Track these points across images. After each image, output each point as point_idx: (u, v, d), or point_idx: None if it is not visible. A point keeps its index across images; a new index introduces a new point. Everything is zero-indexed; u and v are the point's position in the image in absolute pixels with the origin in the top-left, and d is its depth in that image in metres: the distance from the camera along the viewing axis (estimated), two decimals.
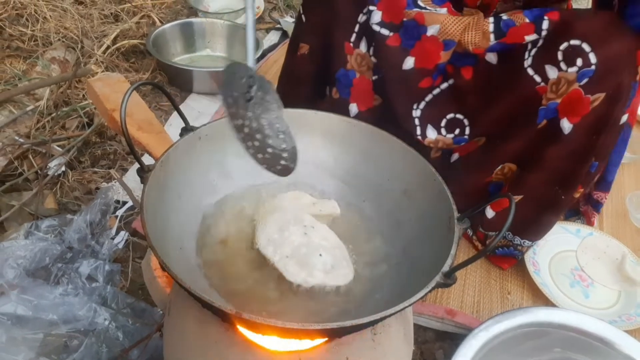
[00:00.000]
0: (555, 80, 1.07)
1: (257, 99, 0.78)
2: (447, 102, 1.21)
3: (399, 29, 1.13)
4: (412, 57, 1.15)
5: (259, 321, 0.58)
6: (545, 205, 1.20)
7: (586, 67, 1.03)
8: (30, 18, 1.87)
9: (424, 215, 0.82)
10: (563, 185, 1.16)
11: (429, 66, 1.15)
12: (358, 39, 1.19)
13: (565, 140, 1.10)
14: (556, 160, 1.13)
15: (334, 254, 0.79)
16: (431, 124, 1.23)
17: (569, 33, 1.03)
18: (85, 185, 1.42)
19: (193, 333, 0.77)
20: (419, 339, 1.18)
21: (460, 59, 1.16)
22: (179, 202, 0.80)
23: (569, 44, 1.03)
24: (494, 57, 1.14)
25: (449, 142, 1.24)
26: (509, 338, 1.02)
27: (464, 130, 1.23)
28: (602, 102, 1.05)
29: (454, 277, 0.65)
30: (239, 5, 2.28)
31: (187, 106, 1.76)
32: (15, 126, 1.48)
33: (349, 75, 1.22)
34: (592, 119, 1.07)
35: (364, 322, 0.60)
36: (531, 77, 1.09)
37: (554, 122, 1.10)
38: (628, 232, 1.49)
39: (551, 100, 1.09)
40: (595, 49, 1.02)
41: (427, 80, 1.18)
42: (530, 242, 1.26)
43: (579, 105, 1.06)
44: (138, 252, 1.28)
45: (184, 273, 0.64)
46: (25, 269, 1.13)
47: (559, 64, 1.06)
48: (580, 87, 1.05)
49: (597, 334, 1.03)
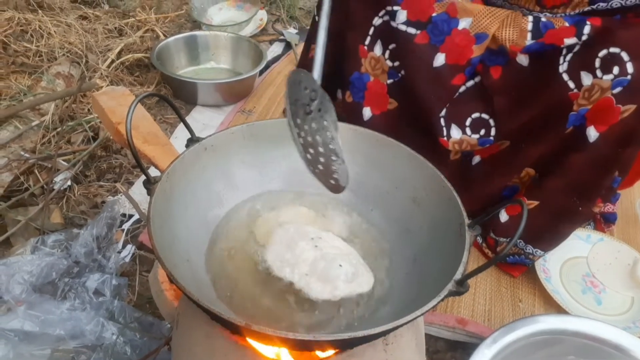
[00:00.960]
0: (589, 87, 1.05)
1: (316, 114, 0.78)
2: (473, 101, 1.18)
3: (426, 26, 1.10)
4: (442, 54, 1.11)
5: (269, 333, 0.57)
6: (561, 214, 1.18)
7: (622, 76, 1.01)
8: (35, 34, 1.88)
9: (434, 223, 0.81)
10: (582, 196, 1.14)
11: (461, 62, 1.12)
12: (372, 42, 1.17)
13: (589, 148, 1.08)
14: (578, 168, 1.11)
15: (351, 262, 0.78)
16: (455, 124, 1.21)
17: (609, 40, 1.01)
18: (91, 199, 1.42)
19: (201, 346, 0.76)
20: (430, 348, 1.16)
21: (490, 57, 1.13)
22: (186, 214, 0.79)
23: (608, 52, 1.01)
24: (525, 60, 1.10)
25: (474, 143, 1.21)
26: (522, 346, 1.00)
27: (490, 131, 1.20)
28: (632, 113, 1.03)
29: (467, 285, 0.64)
30: (242, 17, 2.29)
31: (192, 118, 1.76)
32: (20, 141, 1.48)
33: (363, 78, 1.20)
34: (619, 130, 1.05)
35: (375, 332, 0.59)
36: (565, 82, 1.07)
37: (580, 129, 1.09)
38: (639, 237, 1.47)
39: (582, 107, 1.07)
40: (633, 59, 1.00)
41: (460, 77, 1.14)
42: (542, 252, 1.24)
43: (608, 114, 1.04)
44: (145, 266, 1.27)
45: (191, 285, 0.63)
46: (32, 284, 1.12)
47: (595, 71, 1.03)
48: (612, 96, 1.03)
49: (611, 341, 1.01)
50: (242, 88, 1.86)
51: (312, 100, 0.77)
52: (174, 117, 1.74)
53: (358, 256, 0.81)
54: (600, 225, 1.43)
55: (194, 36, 1.98)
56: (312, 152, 0.74)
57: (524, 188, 1.23)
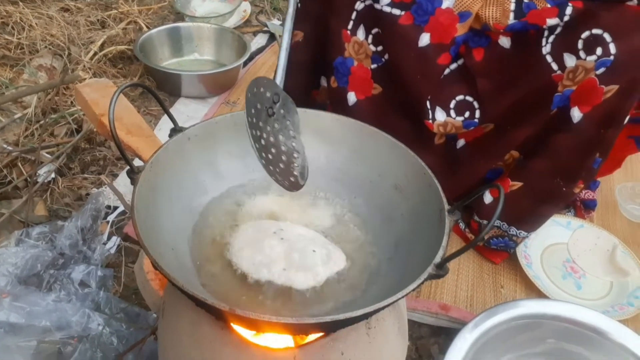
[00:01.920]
0: (573, 68, 1.06)
1: (279, 116, 0.80)
2: (457, 83, 1.19)
3: (410, 6, 1.10)
4: (427, 34, 1.11)
5: (252, 317, 0.58)
6: (544, 195, 1.20)
7: (605, 57, 1.03)
8: (16, 26, 1.87)
9: (415, 209, 0.82)
10: (565, 177, 1.17)
11: (446, 41, 1.12)
12: (355, 27, 1.17)
13: (573, 129, 1.10)
14: (562, 149, 1.13)
15: (321, 244, 0.79)
16: (440, 106, 1.21)
17: (592, 22, 1.03)
18: (75, 191, 1.42)
19: (187, 334, 0.77)
20: (413, 334, 1.18)
21: (473, 38, 1.14)
22: (170, 203, 0.80)
23: (591, 33, 1.03)
24: (507, 42, 1.12)
25: (459, 125, 1.21)
26: (503, 331, 1.02)
27: (474, 113, 1.20)
28: (614, 94, 1.05)
29: (446, 268, 0.66)
30: (226, 9, 2.28)
31: (176, 110, 1.76)
32: (3, 134, 1.47)
33: (347, 63, 1.20)
34: (602, 111, 1.07)
35: (357, 314, 0.60)
36: (549, 64, 1.08)
37: (564, 110, 1.10)
38: (618, 223, 1.50)
39: (567, 88, 1.09)
40: (616, 40, 1.02)
41: (446, 56, 1.15)
42: (525, 233, 1.27)
43: (591, 94, 1.06)
44: (130, 257, 1.27)
45: (176, 272, 0.64)
46: (17, 276, 1.12)
47: (578, 53, 1.05)
48: (596, 77, 1.05)
49: (590, 324, 1.04)
50: (226, 79, 1.86)
51: (275, 103, 0.79)
52: (158, 109, 1.74)
53: (322, 237, 0.83)
54: (581, 211, 1.45)
55: (177, 28, 1.97)
56: (274, 151, 0.77)
57: (507, 170, 1.25)
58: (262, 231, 0.81)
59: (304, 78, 1.30)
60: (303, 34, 1.25)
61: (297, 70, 1.29)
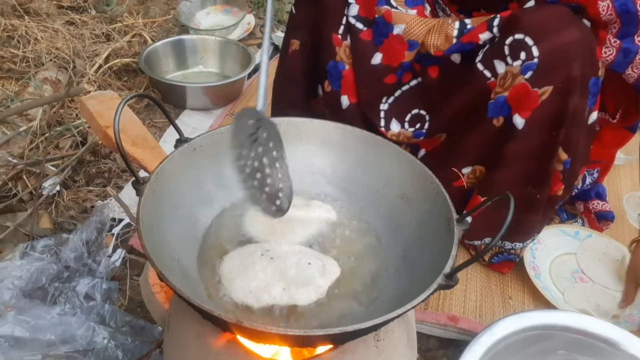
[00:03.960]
0: (503, 74, 1.08)
1: (262, 140, 0.80)
2: (413, 99, 1.24)
3: (372, 24, 1.17)
4: (380, 54, 1.19)
5: (259, 329, 0.58)
6: (523, 205, 1.18)
7: (529, 60, 1.04)
8: (22, 39, 1.87)
9: (423, 219, 0.81)
10: (534, 184, 1.16)
11: (394, 64, 1.18)
12: (346, 31, 1.21)
13: (521, 136, 1.10)
14: (517, 157, 1.13)
15: (311, 255, 0.79)
16: (396, 118, 1.26)
17: (514, 27, 1.05)
18: (80, 204, 1.41)
19: (193, 346, 0.76)
20: (422, 347, 1.17)
21: (427, 58, 1.18)
22: (176, 214, 0.79)
23: (514, 38, 1.05)
24: (458, 57, 1.16)
25: (409, 136, 1.26)
26: (513, 342, 1.01)
27: (424, 124, 1.25)
28: (551, 95, 1.04)
29: (456, 279, 0.65)
30: (230, 21, 2.29)
31: (181, 122, 1.76)
32: (8, 147, 1.47)
33: (339, 66, 1.23)
34: (544, 114, 1.06)
35: (366, 326, 0.59)
36: (481, 72, 1.11)
37: (508, 118, 1.10)
38: (627, 232, 1.49)
39: (499, 94, 1.10)
40: (537, 42, 1.02)
41: (392, 77, 1.21)
42: (521, 244, 1.25)
43: (527, 99, 1.06)
44: (136, 270, 1.26)
45: (182, 284, 0.63)
46: (22, 289, 1.11)
47: (505, 59, 1.07)
48: (526, 81, 1.05)
49: (601, 335, 1.02)
50: (231, 91, 1.86)
51: (258, 128, 0.81)
52: (163, 121, 1.74)
53: (309, 249, 0.82)
54: (595, 224, 1.43)
55: (182, 40, 1.98)
56: (259, 176, 0.77)
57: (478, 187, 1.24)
58: (248, 256, 0.79)
59: (302, 86, 1.33)
60: (299, 42, 1.28)
61: (295, 80, 1.32)
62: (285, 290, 0.74)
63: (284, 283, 0.75)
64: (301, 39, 1.27)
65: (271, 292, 0.74)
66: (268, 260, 0.77)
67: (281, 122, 0.92)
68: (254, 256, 0.78)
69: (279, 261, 0.77)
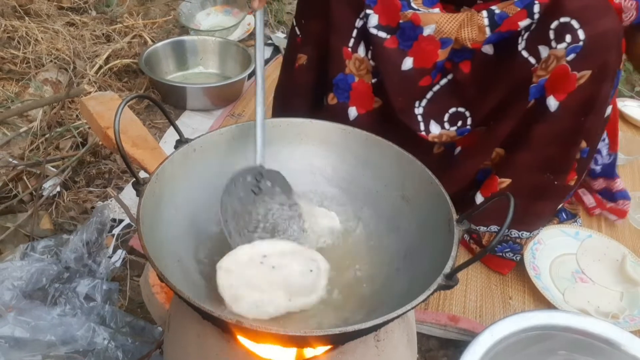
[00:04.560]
0: (546, 57, 1.08)
1: (266, 189, 0.84)
2: (448, 97, 1.22)
3: (395, 31, 1.14)
4: (410, 58, 1.16)
5: (259, 329, 0.58)
6: (537, 192, 1.19)
7: (575, 43, 1.04)
8: (22, 40, 1.88)
9: (423, 219, 0.81)
10: (553, 170, 1.16)
11: (428, 65, 1.16)
12: (356, 44, 1.20)
13: (552, 118, 1.10)
14: (543, 140, 1.13)
15: (310, 258, 0.78)
16: (434, 120, 1.24)
17: (559, 11, 1.04)
18: (80, 205, 1.41)
19: (193, 347, 0.76)
20: (422, 347, 1.16)
21: (457, 54, 1.17)
22: (176, 214, 0.79)
23: (559, 22, 1.05)
24: (490, 49, 1.15)
25: (453, 135, 1.24)
26: (513, 342, 1.01)
27: (466, 121, 1.23)
28: (588, 80, 1.05)
29: (456, 279, 0.65)
30: (230, 22, 2.29)
31: (182, 123, 1.76)
32: (8, 148, 1.47)
33: (348, 79, 1.23)
34: (578, 97, 1.07)
35: (366, 326, 0.59)
36: (526, 59, 1.10)
37: (541, 100, 1.11)
38: (627, 232, 1.49)
39: (541, 77, 1.10)
40: (583, 26, 1.03)
41: (427, 79, 1.19)
42: (528, 234, 1.25)
43: (565, 81, 1.07)
44: (136, 270, 1.26)
45: (182, 285, 0.63)
46: (22, 290, 1.11)
47: (550, 43, 1.07)
48: (567, 63, 1.05)
49: (602, 336, 1.02)
50: (231, 92, 1.86)
51: (259, 181, 0.83)
52: (163, 122, 1.74)
53: (302, 247, 0.81)
54: (602, 204, 1.45)
55: (182, 41, 1.98)
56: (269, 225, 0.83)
57: (495, 168, 1.24)
58: (246, 267, 0.75)
59: (307, 99, 1.32)
60: (307, 57, 1.27)
61: (301, 93, 1.32)
62: (290, 301, 0.73)
63: (289, 294, 0.73)
64: (309, 53, 1.26)
65: (278, 304, 0.72)
66: (269, 270, 0.75)
67: (281, 122, 0.92)
68: (253, 265, 0.75)
69: (281, 270, 0.75)
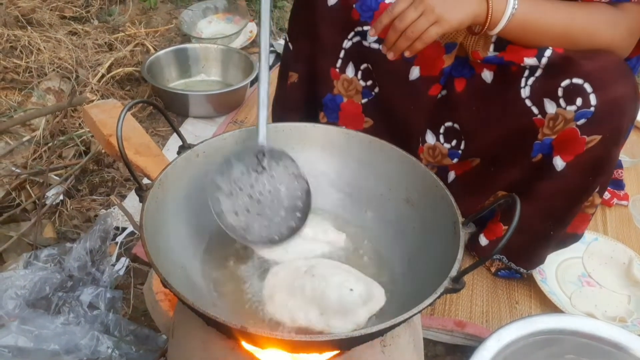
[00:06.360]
0: (553, 115, 1.04)
1: (271, 165, 0.84)
2: (443, 110, 1.21)
3: None
4: (416, 67, 1.15)
5: (264, 335, 0.57)
6: (535, 237, 1.18)
7: (585, 108, 1.00)
8: (25, 50, 1.88)
9: (428, 223, 0.81)
10: (556, 221, 1.14)
11: (434, 72, 1.15)
12: (344, 65, 1.20)
13: (558, 177, 1.08)
14: (548, 195, 1.11)
15: (357, 279, 0.76)
16: (430, 129, 1.24)
17: (571, 70, 1.00)
18: (84, 213, 1.41)
19: (198, 354, 0.75)
20: (428, 353, 1.15)
21: (457, 69, 1.15)
22: (180, 220, 0.79)
23: (571, 82, 1.00)
24: (490, 76, 1.13)
25: (445, 152, 1.23)
26: (521, 347, 1.00)
27: (460, 144, 1.21)
28: (597, 143, 1.02)
29: (463, 282, 0.64)
30: (232, 30, 2.29)
31: (184, 130, 1.75)
32: (11, 157, 1.47)
33: (336, 100, 1.23)
34: (586, 159, 1.04)
35: (373, 331, 0.59)
36: (529, 108, 1.07)
37: (547, 157, 1.08)
38: (633, 235, 1.48)
39: (546, 136, 1.07)
40: (596, 91, 0.98)
41: (436, 87, 1.17)
42: (525, 270, 1.24)
43: (573, 144, 1.03)
44: (139, 278, 1.26)
45: (186, 291, 0.62)
46: (25, 299, 1.11)
47: (558, 100, 1.03)
48: (576, 127, 1.02)
49: (610, 339, 1.01)
50: (234, 99, 1.86)
51: (261, 160, 0.83)
52: (166, 130, 1.74)
53: (357, 271, 0.79)
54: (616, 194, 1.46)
55: (184, 49, 1.99)
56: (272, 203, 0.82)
57: (500, 211, 1.23)
58: (293, 272, 0.77)
59: (302, 115, 1.32)
60: (297, 75, 1.27)
61: (295, 108, 1.32)
62: (322, 316, 0.72)
63: (322, 307, 0.72)
64: (299, 72, 1.26)
65: (308, 314, 0.72)
66: (309, 278, 0.74)
67: (284, 127, 0.92)
68: (298, 272, 0.76)
69: (320, 279, 0.74)
